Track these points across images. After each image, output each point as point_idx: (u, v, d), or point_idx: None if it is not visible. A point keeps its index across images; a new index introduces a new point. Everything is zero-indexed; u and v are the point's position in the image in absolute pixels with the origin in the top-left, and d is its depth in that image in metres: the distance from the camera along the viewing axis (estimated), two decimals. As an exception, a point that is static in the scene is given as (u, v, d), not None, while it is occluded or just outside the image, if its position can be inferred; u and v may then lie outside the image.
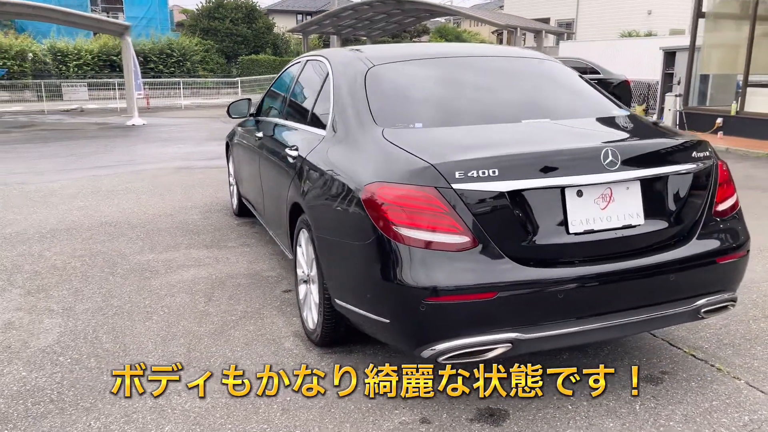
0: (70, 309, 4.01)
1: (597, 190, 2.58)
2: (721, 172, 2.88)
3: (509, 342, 2.46)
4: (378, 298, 2.56)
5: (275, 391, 2.91)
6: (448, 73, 3.41)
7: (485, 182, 2.43)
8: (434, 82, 3.29)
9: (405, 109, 3.06)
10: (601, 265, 2.58)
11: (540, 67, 3.62)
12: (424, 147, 2.65)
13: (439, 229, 2.43)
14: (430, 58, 3.56)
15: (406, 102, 3.11)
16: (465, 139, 2.80)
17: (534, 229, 2.51)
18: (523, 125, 2.95)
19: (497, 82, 3.36)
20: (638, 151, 2.69)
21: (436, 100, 3.16)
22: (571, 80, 3.54)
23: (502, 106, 3.14)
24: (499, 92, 3.28)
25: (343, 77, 3.33)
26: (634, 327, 2.71)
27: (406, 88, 3.23)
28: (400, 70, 3.37)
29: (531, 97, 3.27)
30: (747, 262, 2.94)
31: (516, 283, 2.44)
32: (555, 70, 3.61)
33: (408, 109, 3.05)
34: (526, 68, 3.57)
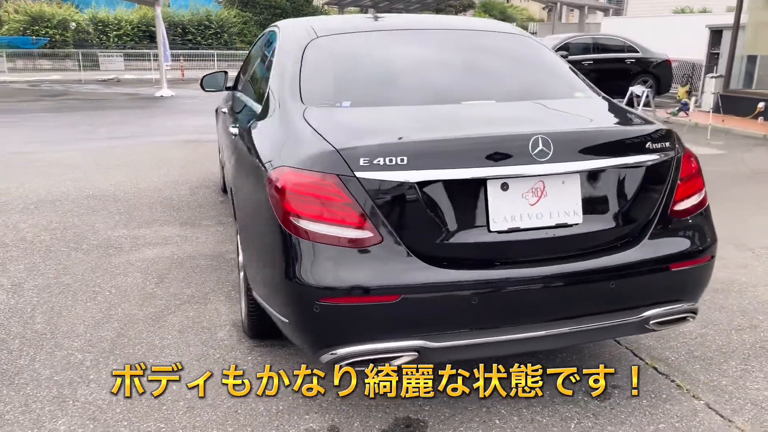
0: (19, 285, 3.91)
1: (526, 183, 2.27)
2: (685, 166, 2.52)
3: (415, 350, 2.20)
4: (278, 296, 2.32)
5: (201, 388, 2.71)
6: (398, 47, 3.10)
7: (392, 171, 2.15)
8: (379, 57, 3.00)
9: (338, 85, 2.78)
10: (528, 268, 2.28)
11: (505, 43, 3.27)
12: (338, 129, 2.39)
13: (339, 222, 2.17)
14: (384, 31, 3.26)
15: (340, 78, 2.83)
16: (386, 121, 2.51)
17: (448, 226, 2.22)
18: (459, 107, 2.64)
19: (449, 58, 3.04)
20: (579, 140, 2.35)
21: (375, 76, 2.87)
22: (540, 59, 3.19)
23: (444, 86, 2.83)
24: (447, 70, 2.95)
25: (285, 49, 3.07)
26: (567, 338, 2.42)
27: (345, 62, 2.94)
28: (345, 42, 3.08)
29: (481, 77, 2.94)
30: (711, 269, 2.59)
31: (423, 285, 2.17)
32: (522, 48, 3.26)
33: (341, 86, 2.77)
34: (488, 44, 3.22)
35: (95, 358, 3.02)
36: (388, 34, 3.22)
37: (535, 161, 2.22)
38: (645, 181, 2.41)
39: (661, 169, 2.45)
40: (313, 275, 2.16)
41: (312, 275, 2.16)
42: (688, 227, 2.51)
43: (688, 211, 2.52)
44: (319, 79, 2.78)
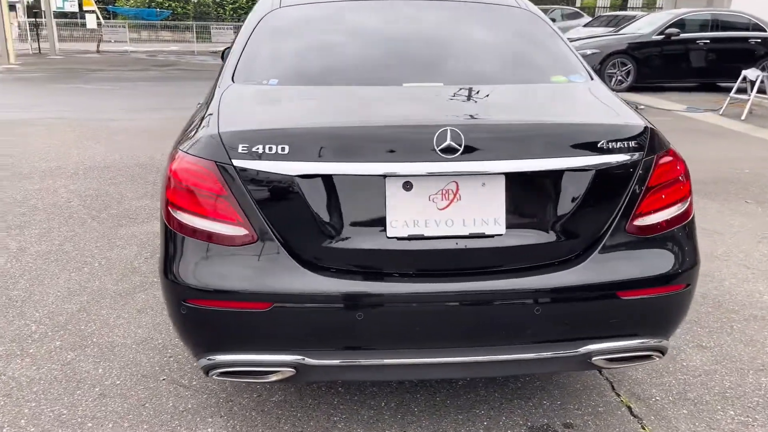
0: (23, 250, 4.02)
1: (434, 183, 1.90)
2: (659, 171, 2.03)
3: (292, 367, 1.94)
4: (162, 292, 2.13)
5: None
6: (364, 18, 2.76)
7: (271, 161, 1.87)
8: (333, 30, 2.68)
9: (273, 61, 2.51)
10: (429, 283, 1.93)
11: (494, 18, 2.82)
12: (237, 110, 2.14)
13: (211, 216, 1.93)
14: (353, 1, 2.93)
15: (280, 52, 2.55)
16: (294, 102, 2.22)
17: (337, 228, 1.92)
18: (391, 89, 2.28)
19: (414, 32, 2.65)
20: (501, 135, 1.93)
21: (318, 51, 2.56)
22: (531, 38, 2.72)
23: (392, 64, 2.47)
24: (405, 46, 2.57)
25: (248, 20, 2.84)
26: (481, 368, 2.05)
27: (293, 35, 2.65)
28: (305, 12, 2.79)
29: (441, 55, 2.53)
30: (685, 300, 2.09)
31: (298, 294, 1.89)
32: (514, 24, 2.79)
33: (276, 62, 2.50)
34: (472, 18, 2.79)
35: (44, 332, 3.00)
36: (362, 3, 2.89)
37: (440, 158, 1.85)
38: (593, 187, 1.96)
39: (617, 173, 1.98)
40: (180, 273, 1.95)
41: (179, 273, 1.95)
42: (653, 246, 2.03)
43: (657, 227, 2.03)
44: (259, 54, 2.53)
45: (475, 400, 2.49)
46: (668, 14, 13.32)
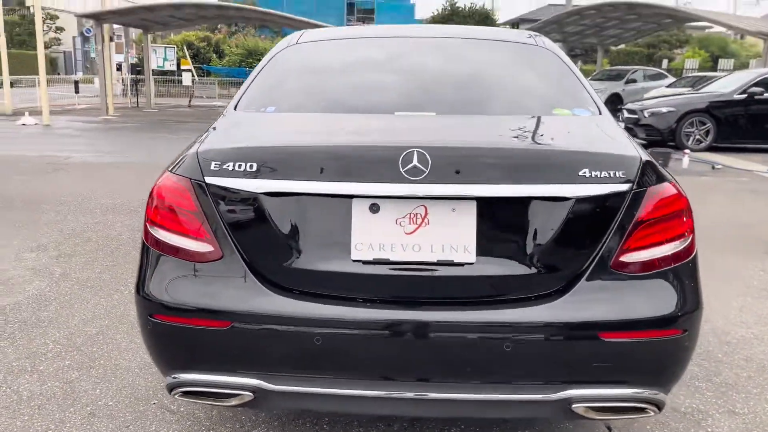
0: (65, 276, 4.21)
1: (402, 206, 1.84)
2: (653, 204, 1.87)
3: (250, 391, 1.88)
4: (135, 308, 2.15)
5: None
6: (371, 53, 2.78)
7: (240, 179, 1.88)
8: (341, 63, 2.71)
9: (277, 91, 2.55)
10: (395, 310, 1.84)
11: (506, 54, 2.77)
12: (225, 132, 2.18)
13: (183, 232, 1.94)
14: (368, 38, 2.97)
15: (285, 84, 2.60)
16: (279, 126, 2.23)
17: (301, 248, 1.88)
18: (379, 117, 2.24)
19: (416, 66, 2.63)
20: (471, 158, 1.84)
21: (319, 83, 2.58)
22: (541, 72, 2.63)
23: (389, 95, 2.44)
24: (403, 78, 2.55)
25: (264, 57, 2.93)
26: (449, 407, 1.90)
27: (303, 69, 2.70)
28: (318, 48, 2.85)
29: (438, 87, 2.48)
30: (683, 348, 1.88)
31: (256, 314, 1.85)
32: (526, 59, 2.73)
33: (279, 92, 2.54)
34: (482, 54, 2.74)
35: (58, 351, 3.09)
36: (379, 41, 2.92)
37: (406, 180, 1.79)
38: (573, 218, 1.83)
39: (601, 204, 1.84)
40: (149, 288, 1.96)
41: (149, 288, 1.96)
42: (643, 286, 1.85)
43: (648, 265, 1.86)
44: (264, 85, 2.58)
45: None
46: (752, 73, 12.77)
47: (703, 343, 3.31)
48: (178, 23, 21.84)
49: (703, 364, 3.06)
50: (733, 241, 5.39)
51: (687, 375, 2.94)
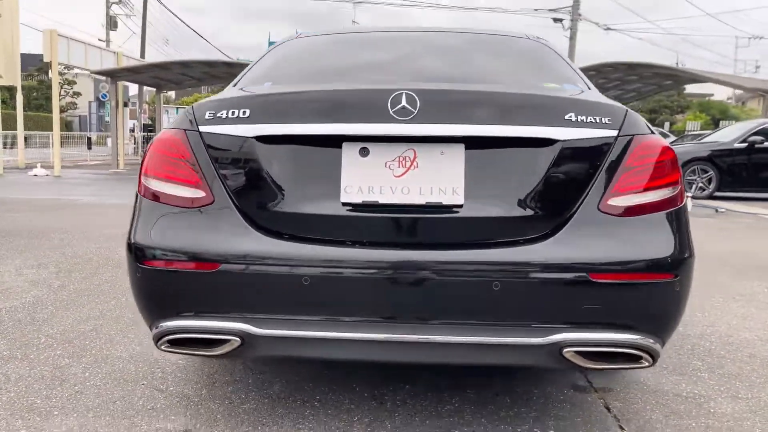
0: (63, 287, 4.21)
1: (391, 150, 1.87)
2: (640, 152, 1.89)
3: (238, 336, 1.86)
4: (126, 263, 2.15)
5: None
6: (369, 44, 2.88)
7: (232, 125, 1.93)
8: (333, 53, 2.80)
9: (274, 71, 2.63)
10: (383, 250, 1.84)
11: (501, 44, 2.86)
12: (220, 95, 2.24)
13: (175, 179, 1.98)
14: (364, 32, 3.07)
15: (282, 66, 2.68)
16: (272, 87, 2.29)
17: (291, 191, 1.90)
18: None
19: (413, 53, 2.71)
20: (459, 100, 1.88)
21: (314, 64, 2.67)
22: (534, 59, 2.71)
23: (378, 70, 2.51)
24: (393, 57, 2.63)
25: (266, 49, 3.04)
26: (435, 352, 1.86)
27: (299, 55, 2.79)
28: (315, 40, 2.95)
29: (431, 65, 2.56)
30: (674, 293, 1.86)
31: (244, 255, 1.85)
32: (519, 48, 2.81)
33: (276, 72, 2.62)
34: (477, 44, 2.83)
35: (50, 344, 3.06)
36: (371, 35, 3.02)
37: (394, 120, 1.83)
38: (560, 161, 1.85)
39: (588, 148, 1.87)
40: (139, 236, 1.98)
41: (139, 237, 1.98)
42: (632, 229, 1.85)
43: (636, 209, 1.87)
44: (263, 68, 2.67)
45: (457, 423, 2.26)
46: (752, 123, 12.96)
47: (705, 343, 3.24)
48: (190, 82, 22.48)
49: (705, 359, 2.99)
50: (739, 267, 5.35)
51: (689, 367, 2.88)
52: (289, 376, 2.65)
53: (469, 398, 2.45)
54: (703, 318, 3.71)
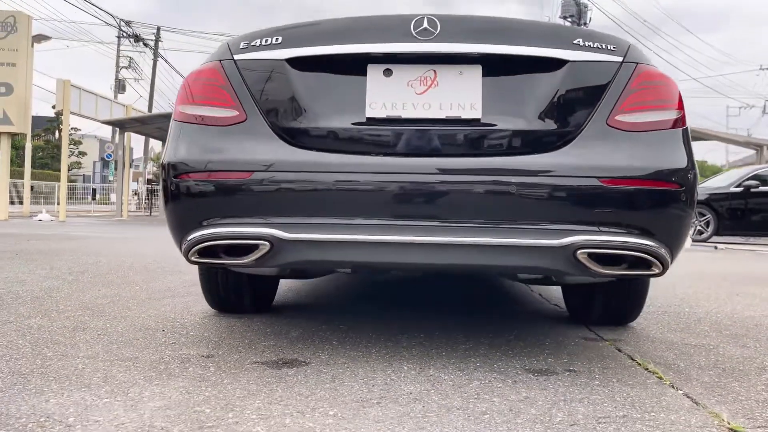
0: (77, 279, 4.27)
1: (413, 70, 2.02)
2: (641, 78, 2.04)
3: (267, 240, 1.95)
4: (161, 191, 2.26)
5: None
6: None
7: (266, 51, 2.09)
8: None
9: None
10: (401, 158, 1.96)
11: None
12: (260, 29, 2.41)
13: (210, 103, 2.12)
14: None
15: None
16: (304, 21, 2.45)
17: (319, 108, 2.04)
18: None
19: None
20: (477, 25, 2.05)
21: None
22: None
23: None
24: None
25: None
26: (458, 253, 1.94)
27: None
28: None
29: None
30: (679, 204, 1.96)
31: (276, 163, 1.97)
32: None
33: None
34: None
35: (69, 310, 3.12)
36: None
37: (416, 39, 1.99)
38: (569, 79, 2.01)
39: (594, 70, 2.02)
40: (175, 155, 2.10)
41: (173, 154, 2.11)
42: (637, 142, 1.98)
43: (641, 125, 2.00)
44: None
45: (472, 354, 2.31)
46: (746, 169, 13.25)
47: (712, 317, 3.31)
48: (196, 136, 22.96)
49: (713, 325, 3.05)
50: (741, 279, 5.43)
51: (696, 328, 2.94)
52: (306, 326, 2.72)
53: (482, 343, 2.51)
54: (709, 305, 3.78)
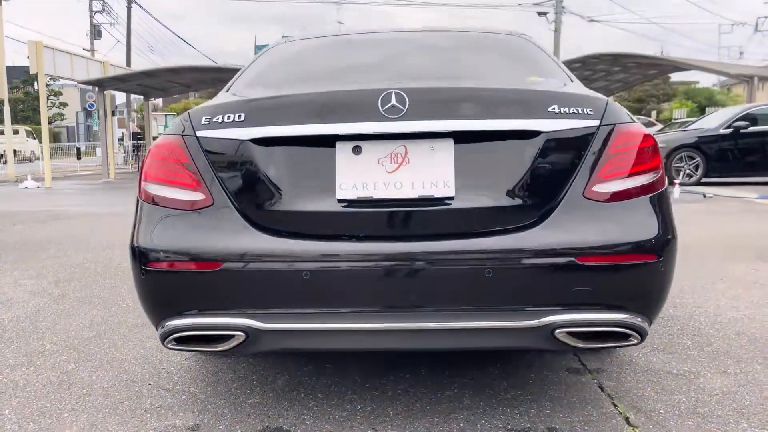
0: (63, 296, 4.26)
1: (383, 147, 1.95)
2: (622, 139, 1.98)
3: (242, 331, 1.93)
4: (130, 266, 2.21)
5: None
6: (349, 47, 2.96)
7: (228, 129, 2.00)
8: (322, 55, 2.88)
9: (266, 76, 2.70)
10: (379, 243, 1.91)
11: (484, 42, 2.94)
12: (214, 101, 2.30)
13: (174, 183, 2.04)
14: (349, 35, 3.15)
15: (272, 71, 2.75)
16: (264, 91, 2.36)
17: (288, 191, 1.97)
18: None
19: (398, 53, 2.79)
20: (446, 97, 1.96)
21: (302, 69, 2.74)
22: (518, 55, 2.79)
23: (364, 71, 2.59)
24: (379, 58, 2.71)
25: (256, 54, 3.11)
26: (432, 338, 1.94)
27: (290, 60, 2.87)
28: (303, 45, 3.03)
29: (415, 64, 2.63)
30: (658, 274, 1.94)
31: (246, 253, 1.92)
32: (502, 46, 2.89)
33: (268, 77, 2.69)
34: (457, 41, 2.92)
35: (55, 350, 3.12)
36: (357, 37, 3.10)
37: (385, 118, 1.91)
38: (545, 152, 1.93)
39: (571, 139, 1.95)
40: (142, 240, 2.05)
41: (141, 240, 2.05)
42: (615, 213, 1.94)
43: (619, 194, 1.95)
44: (255, 73, 2.74)
45: (456, 406, 2.34)
46: (736, 108, 13.15)
47: (694, 323, 3.34)
48: (178, 89, 22.48)
49: (695, 338, 3.09)
50: (727, 249, 5.47)
51: (679, 346, 2.97)
52: (292, 371, 2.73)
53: (467, 384, 2.53)
54: (692, 300, 3.81)
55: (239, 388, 2.56)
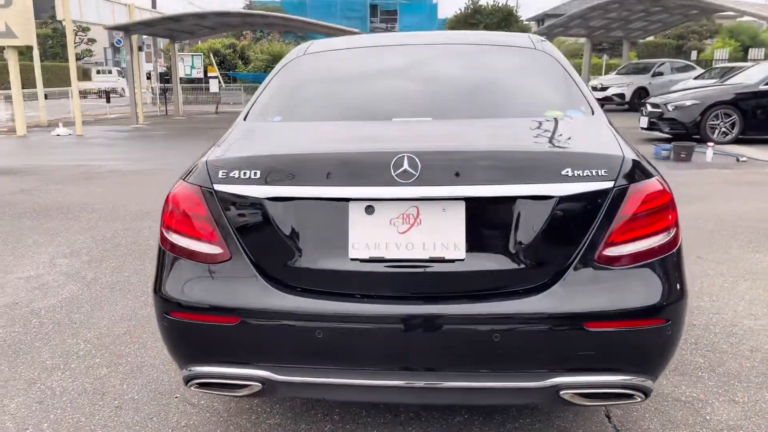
0: (96, 280, 4.44)
1: (395, 208, 1.97)
2: (635, 200, 1.97)
3: (259, 382, 2.03)
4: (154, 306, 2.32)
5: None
6: (372, 62, 2.92)
7: (245, 185, 2.03)
8: (342, 75, 2.85)
9: (284, 101, 2.70)
10: (391, 305, 1.97)
11: (502, 58, 2.88)
12: (233, 142, 2.33)
13: (195, 236, 2.10)
14: (369, 47, 3.10)
15: (289, 93, 2.75)
16: (282, 135, 2.38)
17: (303, 249, 2.02)
18: (376, 124, 2.38)
19: (417, 74, 2.76)
20: (458, 161, 1.96)
21: (322, 94, 2.73)
22: (536, 76, 2.74)
23: (386, 102, 2.58)
24: (401, 85, 2.69)
25: (275, 68, 3.09)
26: (441, 395, 2.02)
27: (307, 80, 2.85)
28: (324, 59, 2.99)
29: (435, 93, 2.60)
30: (666, 337, 1.97)
31: (263, 310, 2.00)
32: (520, 63, 2.83)
33: (286, 102, 2.69)
34: (480, 59, 2.86)
35: (89, 350, 3.29)
36: (380, 49, 3.06)
37: (397, 183, 1.92)
38: (557, 215, 1.94)
39: (583, 202, 1.94)
40: (165, 288, 2.13)
41: (164, 288, 2.14)
42: (626, 278, 1.95)
43: (632, 258, 1.96)
44: (272, 96, 2.74)
45: (465, 437, 2.44)
46: (778, 63, 12.55)
47: (709, 336, 3.36)
48: (204, 32, 22.28)
49: (707, 355, 3.12)
50: (754, 234, 5.38)
51: (690, 366, 3.01)
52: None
53: (477, 411, 2.62)
54: (710, 304, 3.81)
55: (260, 406, 2.70)
